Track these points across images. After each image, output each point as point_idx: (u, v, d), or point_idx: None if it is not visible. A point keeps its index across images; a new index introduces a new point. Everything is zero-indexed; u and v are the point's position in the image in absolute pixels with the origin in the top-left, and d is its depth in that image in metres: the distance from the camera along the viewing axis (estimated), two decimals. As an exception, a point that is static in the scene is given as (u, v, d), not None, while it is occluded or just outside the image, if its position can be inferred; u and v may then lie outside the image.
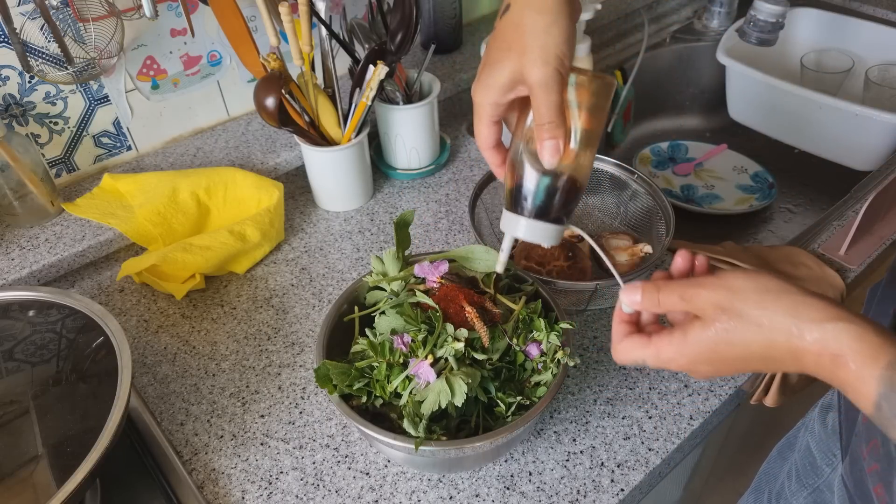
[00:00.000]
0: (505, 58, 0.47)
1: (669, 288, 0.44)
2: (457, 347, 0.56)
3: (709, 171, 1.26)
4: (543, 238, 0.51)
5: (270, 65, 0.81)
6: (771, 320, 0.39)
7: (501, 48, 0.48)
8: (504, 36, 0.48)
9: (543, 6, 0.46)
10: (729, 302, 0.41)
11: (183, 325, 0.80)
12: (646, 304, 0.45)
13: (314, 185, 0.95)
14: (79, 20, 0.81)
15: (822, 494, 0.71)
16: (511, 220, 0.52)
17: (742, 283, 0.41)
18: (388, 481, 0.64)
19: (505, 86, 0.48)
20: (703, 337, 0.42)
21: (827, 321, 0.38)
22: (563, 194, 0.50)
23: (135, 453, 0.67)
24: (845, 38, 1.27)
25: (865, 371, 0.37)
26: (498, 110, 0.50)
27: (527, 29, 0.46)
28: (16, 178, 0.82)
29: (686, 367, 0.44)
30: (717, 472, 1.21)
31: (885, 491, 0.54)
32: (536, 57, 0.46)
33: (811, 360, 0.39)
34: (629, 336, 0.46)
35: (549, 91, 0.46)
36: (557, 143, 0.47)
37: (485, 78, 0.49)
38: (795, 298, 0.40)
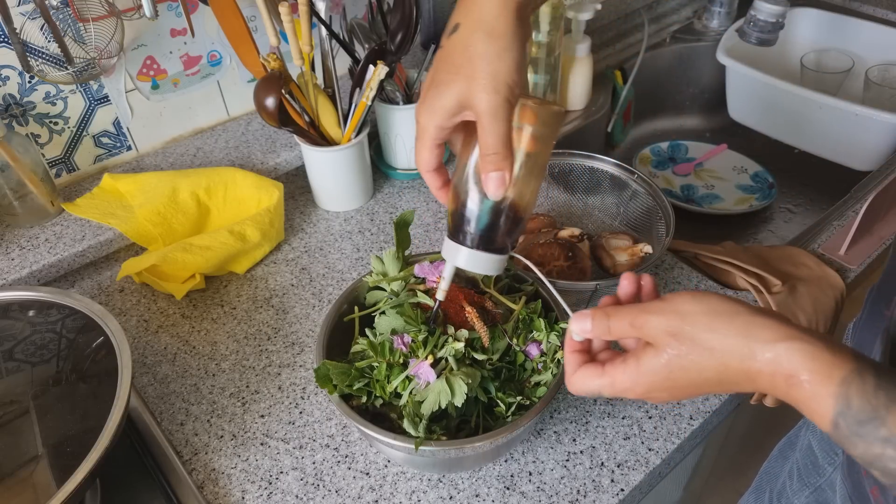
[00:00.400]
0: (452, 81, 0.45)
1: (619, 315, 0.43)
2: (457, 347, 0.56)
3: (709, 171, 1.26)
4: (485, 268, 0.50)
5: (270, 65, 0.81)
6: (722, 343, 0.39)
7: (449, 70, 0.45)
8: (452, 58, 0.46)
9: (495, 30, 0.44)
10: (679, 327, 0.40)
11: (183, 325, 0.80)
12: (596, 331, 0.44)
13: (314, 185, 0.95)
14: (79, 20, 0.81)
15: (824, 493, 0.71)
16: (452, 249, 0.50)
17: (690, 307, 0.40)
18: (388, 481, 0.64)
19: (451, 110, 0.46)
20: (656, 365, 0.41)
21: (779, 341, 0.37)
22: (507, 224, 0.49)
23: (135, 453, 0.67)
24: (845, 38, 1.27)
25: (820, 389, 0.36)
26: (442, 133, 0.48)
27: (476, 53, 0.44)
28: (16, 178, 0.82)
29: (642, 395, 0.43)
30: (717, 472, 1.21)
31: (881, 493, 0.54)
32: (486, 84, 0.44)
33: (766, 381, 0.38)
34: (583, 366, 0.45)
35: (497, 120, 0.45)
36: (503, 175, 0.46)
37: (430, 100, 0.47)
38: (746, 319, 0.39)
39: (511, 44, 0.44)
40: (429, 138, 0.48)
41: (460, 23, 0.46)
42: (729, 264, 0.82)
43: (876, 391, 0.35)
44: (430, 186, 0.51)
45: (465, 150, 0.49)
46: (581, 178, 0.90)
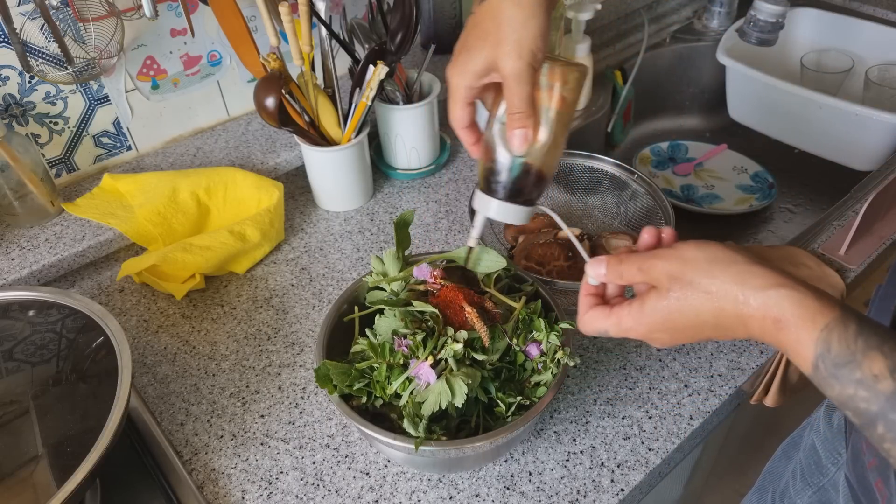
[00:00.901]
0: (481, 46, 0.49)
1: (630, 261, 0.46)
2: (455, 349, 0.56)
3: (709, 171, 1.26)
4: (514, 218, 0.54)
5: (270, 65, 0.81)
6: (719, 288, 0.42)
7: (479, 36, 0.50)
8: (482, 24, 0.49)
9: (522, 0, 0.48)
10: (681, 272, 0.43)
11: (183, 325, 0.80)
12: (609, 276, 0.48)
13: (314, 185, 0.95)
14: (79, 20, 0.81)
15: (827, 493, 0.71)
16: (483, 200, 0.54)
17: (694, 254, 0.43)
18: (388, 481, 0.64)
19: (479, 72, 0.50)
20: (658, 306, 0.44)
21: (769, 287, 0.40)
22: (533, 178, 0.53)
23: (135, 453, 0.67)
24: (845, 38, 1.27)
25: (804, 334, 0.39)
26: (472, 93, 0.52)
27: (504, 20, 0.48)
28: (16, 178, 0.82)
29: (644, 335, 0.46)
30: (717, 472, 1.21)
31: (884, 485, 0.54)
32: (511, 50, 0.48)
33: (756, 325, 0.41)
34: (593, 307, 0.49)
35: (521, 83, 0.48)
36: (527, 132, 0.50)
37: (461, 62, 0.51)
38: (742, 268, 0.42)
39: (536, 12, 0.48)
40: (460, 97, 0.52)
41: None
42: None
43: (856, 337, 0.38)
44: (464, 142, 0.55)
45: (496, 107, 0.53)
46: (581, 178, 0.90)
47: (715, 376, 0.72)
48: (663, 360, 0.73)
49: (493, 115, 0.53)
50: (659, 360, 0.73)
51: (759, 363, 0.73)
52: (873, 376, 0.36)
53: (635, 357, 0.74)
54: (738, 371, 0.72)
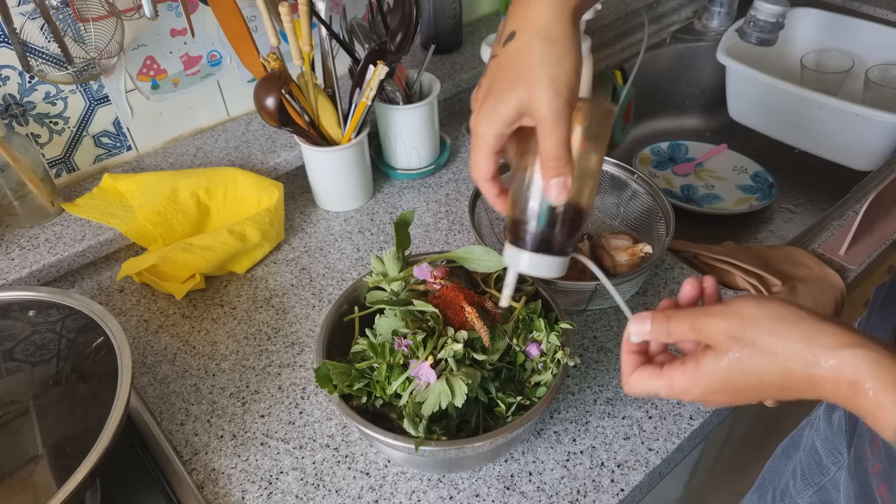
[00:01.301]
0: (512, 88, 0.45)
1: (679, 318, 0.43)
2: (455, 349, 0.56)
3: (709, 171, 1.26)
4: (547, 271, 0.50)
5: (270, 65, 0.81)
6: (785, 348, 0.39)
7: (507, 79, 0.46)
8: (510, 65, 0.46)
9: (552, 35, 0.45)
10: (741, 331, 0.40)
11: (183, 325, 0.80)
12: (655, 333, 0.44)
13: (314, 185, 0.95)
14: (79, 20, 0.81)
15: (828, 493, 0.71)
16: (514, 254, 0.50)
17: (754, 311, 0.41)
18: (388, 481, 0.64)
19: (510, 118, 0.46)
20: (716, 368, 0.41)
21: (844, 347, 0.37)
22: (567, 227, 0.49)
23: (135, 453, 0.67)
24: (845, 38, 1.27)
25: (884, 398, 0.36)
26: (501, 141, 0.48)
27: (535, 59, 0.44)
28: (16, 178, 0.82)
29: (701, 397, 0.43)
30: (717, 472, 1.21)
31: (888, 491, 0.54)
32: (548, 88, 0.44)
33: (829, 388, 0.38)
34: (641, 367, 0.46)
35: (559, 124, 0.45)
36: (565, 180, 0.46)
37: (489, 108, 0.47)
38: (810, 325, 0.39)
39: (569, 48, 0.45)
40: (487, 147, 0.48)
41: (516, 30, 0.46)
42: (729, 264, 0.82)
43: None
44: (487, 195, 0.51)
45: (523, 157, 0.49)
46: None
47: (715, 376, 0.71)
48: (663, 360, 0.73)
49: (521, 165, 0.49)
50: (659, 360, 0.73)
51: (759, 363, 0.73)
52: None
53: (635, 357, 0.74)
54: (738, 371, 0.72)
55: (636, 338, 0.46)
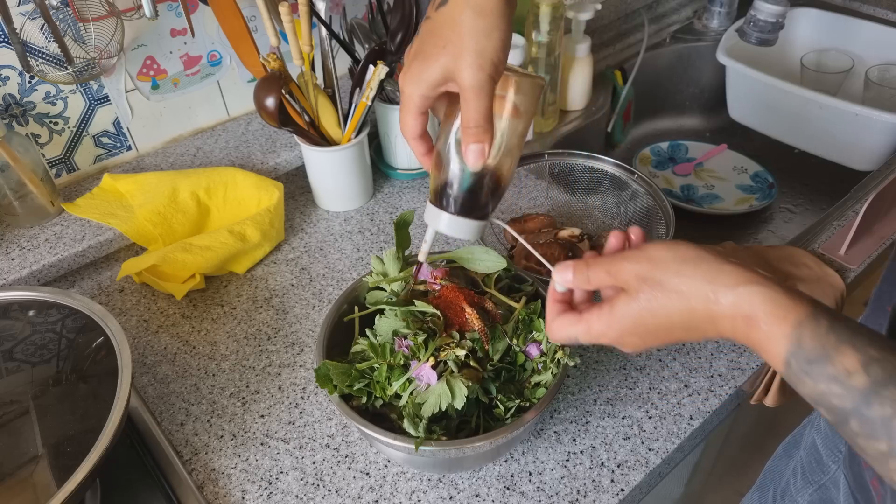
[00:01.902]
0: (439, 55, 0.46)
1: (597, 263, 0.46)
2: (458, 353, 0.56)
3: (709, 171, 1.26)
4: (464, 233, 0.52)
5: (270, 65, 0.81)
6: (689, 287, 0.41)
7: (436, 44, 0.46)
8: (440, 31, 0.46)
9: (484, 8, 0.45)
10: (650, 272, 0.42)
11: (183, 325, 0.80)
12: (576, 281, 0.47)
13: (314, 185, 0.95)
14: (79, 20, 0.81)
15: (828, 491, 0.71)
16: (434, 214, 0.52)
17: (662, 254, 0.43)
18: (388, 481, 0.64)
19: (435, 82, 0.47)
20: (628, 309, 0.43)
21: (740, 285, 0.39)
22: (486, 192, 0.51)
23: (135, 453, 0.67)
24: (845, 38, 1.27)
25: (775, 329, 0.38)
26: (426, 102, 0.49)
27: (465, 30, 0.45)
28: (16, 178, 0.82)
29: (615, 339, 0.45)
30: (717, 472, 1.21)
31: (881, 483, 0.54)
32: (472, 61, 0.45)
33: (727, 325, 0.40)
34: (561, 314, 0.48)
35: (480, 96, 0.46)
36: (483, 147, 0.47)
37: (416, 70, 0.48)
38: (712, 266, 0.41)
39: (499, 22, 0.45)
40: (413, 106, 0.49)
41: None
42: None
43: (828, 333, 0.37)
44: (415, 153, 0.53)
45: (448, 119, 0.51)
46: (581, 178, 0.90)
47: (715, 376, 0.72)
48: (663, 360, 0.73)
49: (445, 127, 0.51)
50: (659, 360, 0.73)
51: (759, 363, 0.73)
52: (846, 372, 0.36)
53: (635, 357, 0.74)
54: (738, 371, 0.72)
55: (560, 287, 0.49)
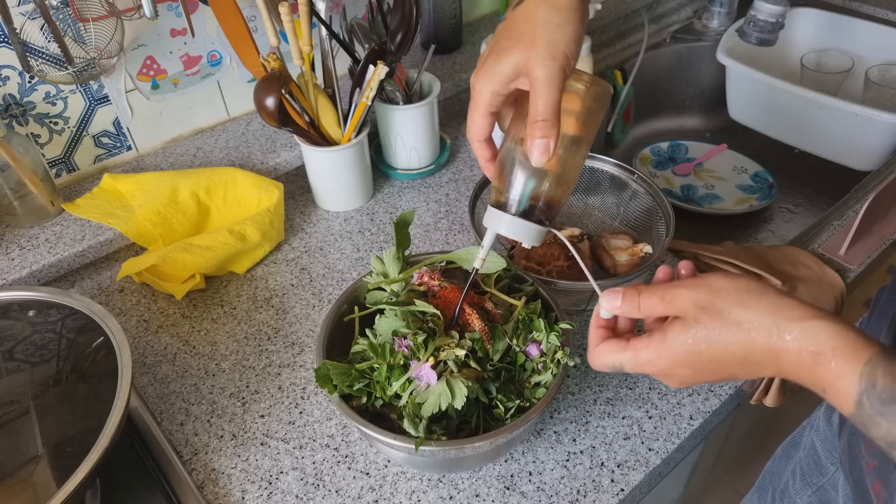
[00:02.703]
0: (512, 48, 0.46)
1: (650, 290, 0.44)
2: (458, 353, 0.56)
3: (709, 171, 1.26)
4: (525, 237, 0.51)
5: (270, 65, 0.81)
6: (751, 320, 0.40)
7: (511, 38, 0.47)
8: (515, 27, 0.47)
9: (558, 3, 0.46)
10: (709, 301, 0.41)
11: (183, 325, 0.80)
12: (625, 308, 0.45)
13: (314, 185, 0.95)
14: (79, 20, 0.81)
15: (827, 493, 0.71)
16: (495, 217, 0.52)
17: (724, 284, 0.41)
18: (388, 481, 0.64)
19: (508, 76, 0.47)
20: (683, 338, 0.42)
21: (806, 319, 0.38)
22: (549, 196, 0.50)
23: (135, 453, 0.67)
24: (845, 38, 1.27)
25: (846, 367, 0.36)
26: (496, 100, 0.49)
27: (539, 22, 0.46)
28: (16, 178, 0.82)
29: (665, 370, 0.43)
30: (717, 472, 1.21)
31: (884, 487, 0.54)
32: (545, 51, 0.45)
33: (791, 361, 0.39)
34: (607, 340, 0.46)
35: (550, 87, 0.45)
36: (548, 143, 0.46)
37: (489, 66, 0.48)
38: (775, 299, 0.40)
39: (572, 17, 0.46)
40: (483, 104, 0.49)
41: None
42: (729, 264, 0.82)
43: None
44: (479, 157, 0.52)
45: (514, 124, 0.51)
46: (581, 178, 0.90)
47: (715, 376, 0.71)
48: (663, 360, 0.73)
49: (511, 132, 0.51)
50: (659, 360, 0.73)
51: (759, 363, 0.73)
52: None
53: (635, 357, 0.74)
54: (738, 371, 0.72)
55: (606, 313, 0.47)
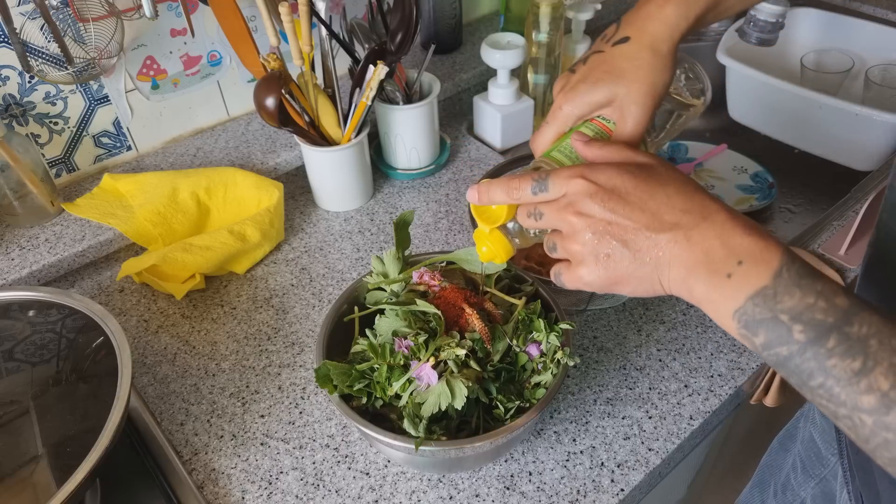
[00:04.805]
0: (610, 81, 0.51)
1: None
2: (458, 353, 0.56)
3: (709, 171, 1.26)
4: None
5: (270, 65, 0.81)
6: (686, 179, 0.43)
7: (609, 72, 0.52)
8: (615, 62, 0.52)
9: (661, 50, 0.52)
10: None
11: (183, 325, 0.80)
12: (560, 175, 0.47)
13: (314, 185, 0.95)
14: (79, 20, 0.81)
15: (829, 483, 0.71)
16: None
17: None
18: (388, 481, 0.64)
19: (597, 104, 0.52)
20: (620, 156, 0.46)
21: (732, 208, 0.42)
22: None
23: (135, 453, 0.67)
24: (845, 38, 1.27)
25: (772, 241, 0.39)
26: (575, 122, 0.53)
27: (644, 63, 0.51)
28: (16, 178, 0.82)
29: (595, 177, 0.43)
30: (717, 472, 1.21)
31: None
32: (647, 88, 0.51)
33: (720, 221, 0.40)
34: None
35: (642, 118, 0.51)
36: None
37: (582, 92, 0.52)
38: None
39: (670, 65, 0.52)
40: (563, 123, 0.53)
41: (631, 37, 0.53)
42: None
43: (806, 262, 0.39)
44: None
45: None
46: (581, 178, 0.90)
47: (715, 376, 0.72)
48: (663, 360, 0.73)
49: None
50: (659, 360, 0.73)
51: (759, 363, 0.73)
52: (831, 290, 0.37)
53: (635, 357, 0.74)
54: (738, 371, 0.72)
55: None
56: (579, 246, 0.43)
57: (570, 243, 0.44)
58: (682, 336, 0.76)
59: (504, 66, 0.98)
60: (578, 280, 0.44)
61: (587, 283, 0.44)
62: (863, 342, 0.35)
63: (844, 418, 0.36)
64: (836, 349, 0.36)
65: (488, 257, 0.52)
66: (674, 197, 0.41)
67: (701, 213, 0.40)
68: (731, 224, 0.40)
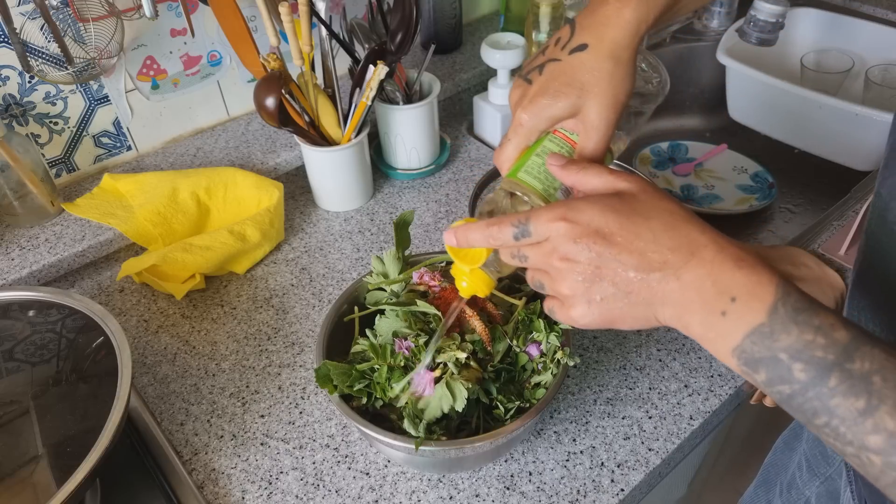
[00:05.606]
0: (571, 93, 0.49)
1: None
2: (459, 356, 0.56)
3: (709, 171, 1.26)
4: None
5: (270, 65, 0.81)
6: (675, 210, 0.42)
7: (570, 83, 0.49)
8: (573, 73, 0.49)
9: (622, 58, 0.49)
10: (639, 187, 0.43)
11: (183, 325, 0.80)
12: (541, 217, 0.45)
13: (314, 185, 0.95)
14: (79, 20, 0.81)
15: (834, 482, 0.71)
16: None
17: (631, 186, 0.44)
18: (388, 481, 0.64)
19: (559, 117, 0.49)
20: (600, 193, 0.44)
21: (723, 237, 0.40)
22: None
23: (135, 453, 0.67)
24: (845, 38, 1.27)
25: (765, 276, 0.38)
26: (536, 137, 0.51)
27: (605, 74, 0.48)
28: (16, 178, 0.82)
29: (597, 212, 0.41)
30: (717, 472, 1.21)
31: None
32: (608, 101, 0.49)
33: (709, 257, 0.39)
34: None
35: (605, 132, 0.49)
36: None
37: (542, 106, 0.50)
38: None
39: (631, 73, 0.49)
40: (524, 138, 0.51)
41: (589, 44, 0.49)
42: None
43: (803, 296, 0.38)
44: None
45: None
46: (581, 178, 0.90)
47: (715, 376, 0.72)
48: (663, 360, 0.73)
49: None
50: (659, 360, 0.73)
51: (759, 363, 0.73)
52: (830, 324, 0.36)
53: (635, 357, 0.74)
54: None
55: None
56: (569, 290, 0.42)
57: (559, 286, 0.43)
58: (682, 336, 0.76)
59: (504, 66, 0.98)
60: (573, 322, 0.44)
61: (583, 325, 0.43)
62: (866, 379, 0.34)
63: (853, 457, 0.35)
64: (839, 388, 0.35)
65: (469, 292, 0.51)
66: (660, 234, 0.40)
67: (689, 248, 0.39)
68: (720, 259, 0.38)
